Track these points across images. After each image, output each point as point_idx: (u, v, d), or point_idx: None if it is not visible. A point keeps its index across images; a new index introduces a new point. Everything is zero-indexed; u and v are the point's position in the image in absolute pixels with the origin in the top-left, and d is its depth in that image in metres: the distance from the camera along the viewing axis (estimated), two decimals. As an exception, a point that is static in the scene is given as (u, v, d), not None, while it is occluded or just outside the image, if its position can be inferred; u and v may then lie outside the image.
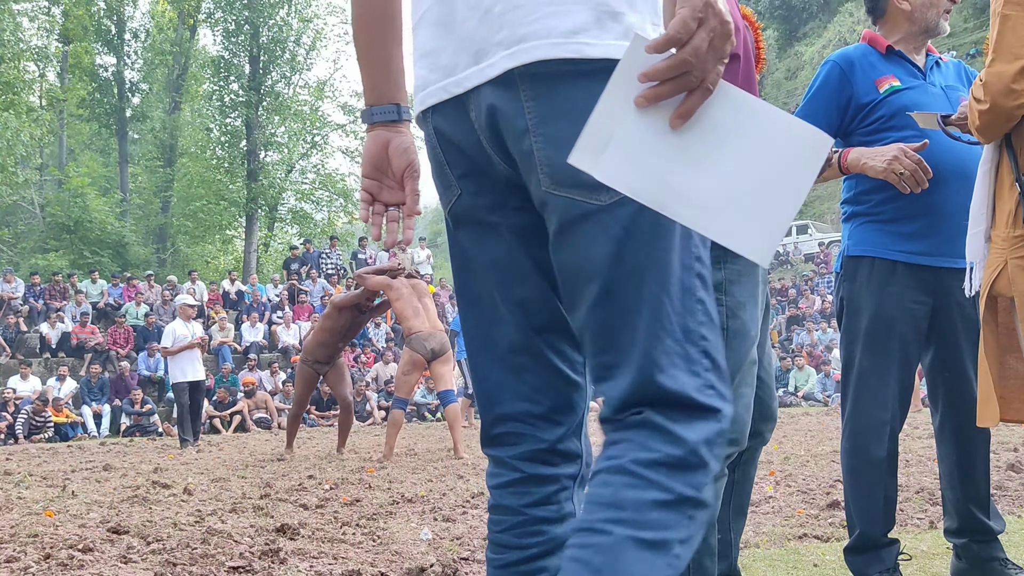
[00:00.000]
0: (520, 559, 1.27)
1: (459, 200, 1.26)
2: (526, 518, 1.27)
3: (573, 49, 1.07)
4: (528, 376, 1.28)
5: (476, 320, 1.32)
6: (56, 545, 3.30)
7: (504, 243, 1.25)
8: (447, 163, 1.24)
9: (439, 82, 1.20)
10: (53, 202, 25.06)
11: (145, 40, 27.74)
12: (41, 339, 14.69)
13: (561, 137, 1.07)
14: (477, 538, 3.40)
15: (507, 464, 1.30)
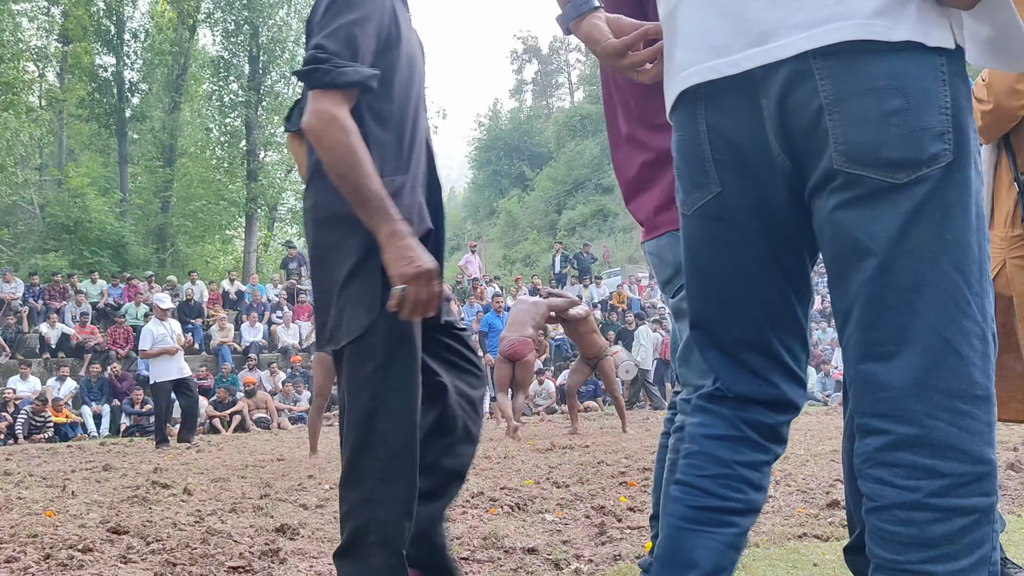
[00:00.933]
0: (717, 507, 1.30)
1: (714, 199, 1.27)
2: (733, 473, 1.31)
3: (877, 31, 1.08)
4: (762, 374, 1.34)
5: (707, 315, 1.36)
6: (56, 545, 3.30)
7: (751, 245, 1.28)
8: (711, 157, 1.25)
9: (706, 62, 1.20)
10: (53, 202, 25.03)
11: (145, 40, 27.71)
12: (41, 339, 14.69)
13: (863, 115, 1.08)
14: (477, 537, 3.40)
15: (728, 420, 1.33)
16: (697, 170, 1.28)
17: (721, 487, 1.31)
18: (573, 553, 3.16)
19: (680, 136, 1.31)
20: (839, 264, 1.16)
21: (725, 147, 1.24)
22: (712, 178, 1.26)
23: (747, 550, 3.06)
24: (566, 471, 5.66)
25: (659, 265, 1.98)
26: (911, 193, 1.09)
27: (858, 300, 1.14)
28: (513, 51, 68.12)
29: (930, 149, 1.08)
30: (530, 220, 47.40)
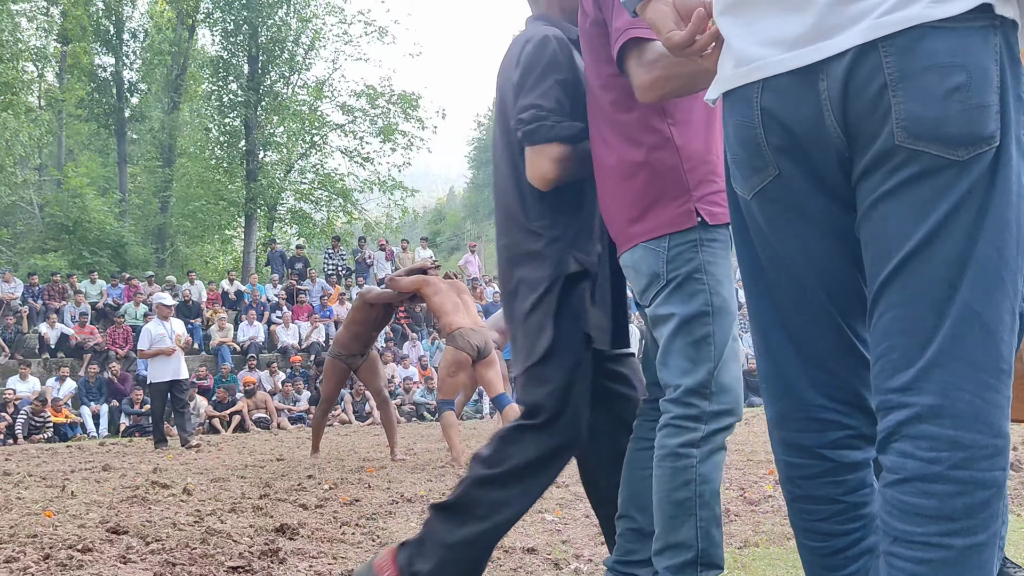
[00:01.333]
0: (846, 545, 1.30)
1: (773, 181, 1.27)
2: (845, 505, 1.31)
3: (942, 10, 1.10)
4: (830, 362, 1.31)
5: (772, 306, 1.35)
6: (55, 545, 3.30)
7: (815, 226, 1.28)
8: (766, 142, 1.25)
9: (776, 56, 1.22)
10: (52, 202, 25.02)
11: (144, 40, 27.72)
12: (40, 339, 14.68)
13: (926, 91, 1.10)
14: (476, 538, 3.40)
15: (814, 454, 1.32)
16: (754, 154, 1.29)
17: (839, 524, 1.32)
18: (573, 553, 3.16)
19: (736, 120, 1.31)
20: (885, 242, 1.17)
21: (780, 131, 1.24)
22: (769, 161, 1.27)
23: (747, 549, 3.06)
24: (565, 471, 5.65)
25: (635, 276, 2.01)
26: (968, 170, 1.10)
27: (898, 276, 1.15)
28: (512, 51, 68.02)
29: (989, 127, 1.10)
30: (529, 220, 47.36)
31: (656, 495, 1.94)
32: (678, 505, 1.89)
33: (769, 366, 1.38)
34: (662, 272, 1.93)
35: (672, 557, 1.90)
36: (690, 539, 1.89)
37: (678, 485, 1.89)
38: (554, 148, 2.06)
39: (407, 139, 27.35)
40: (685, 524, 1.89)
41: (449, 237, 54.52)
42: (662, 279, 1.93)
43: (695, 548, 1.89)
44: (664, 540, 1.92)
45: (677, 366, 1.93)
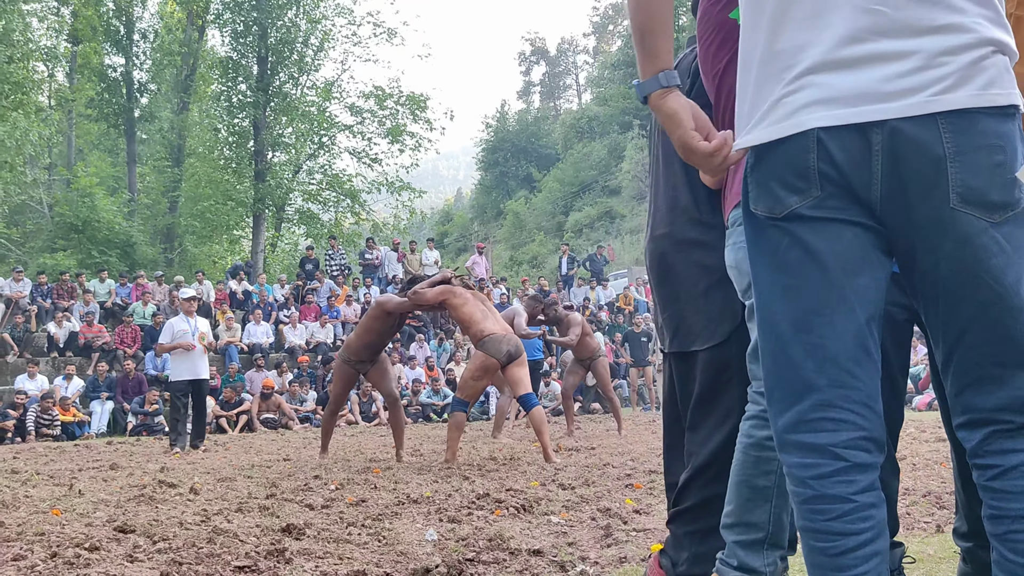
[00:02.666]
0: (857, 544, 1.37)
1: (814, 201, 1.40)
2: (856, 505, 1.38)
3: (989, 99, 1.33)
4: (849, 364, 1.40)
5: (795, 309, 1.43)
6: (63, 543, 3.31)
7: (852, 235, 1.41)
8: (816, 166, 1.39)
9: (838, 109, 1.37)
10: (61, 201, 25.11)
11: (154, 41, 27.81)
12: (49, 338, 14.73)
13: (978, 165, 1.33)
14: (482, 539, 3.40)
15: (829, 453, 1.39)
16: (797, 176, 1.40)
17: (850, 523, 1.37)
18: (579, 555, 3.15)
19: (779, 145, 1.42)
20: (956, 292, 1.36)
21: (830, 163, 1.38)
22: (813, 183, 1.40)
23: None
24: (571, 473, 5.65)
25: (738, 275, 2.11)
26: (1004, 228, 1.34)
27: (977, 319, 1.35)
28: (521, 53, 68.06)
29: (1018, 194, 1.34)
30: (537, 222, 47.38)
31: (735, 477, 2.07)
32: (757, 490, 2.03)
33: (785, 369, 1.44)
34: None
35: (743, 533, 2.05)
36: (763, 522, 2.03)
37: (760, 473, 2.02)
38: None
39: (415, 140, 27.40)
40: (760, 508, 2.03)
41: (456, 238, 54.54)
42: None
43: (766, 530, 2.03)
44: (737, 517, 2.06)
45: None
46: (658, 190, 2.49)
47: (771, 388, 1.47)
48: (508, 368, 6.57)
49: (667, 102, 1.56)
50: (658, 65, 1.57)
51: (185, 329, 9.42)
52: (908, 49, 1.34)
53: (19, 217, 26.74)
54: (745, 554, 2.04)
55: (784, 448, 1.45)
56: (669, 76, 1.56)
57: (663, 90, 1.56)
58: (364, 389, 13.80)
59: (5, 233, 24.59)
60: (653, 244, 2.48)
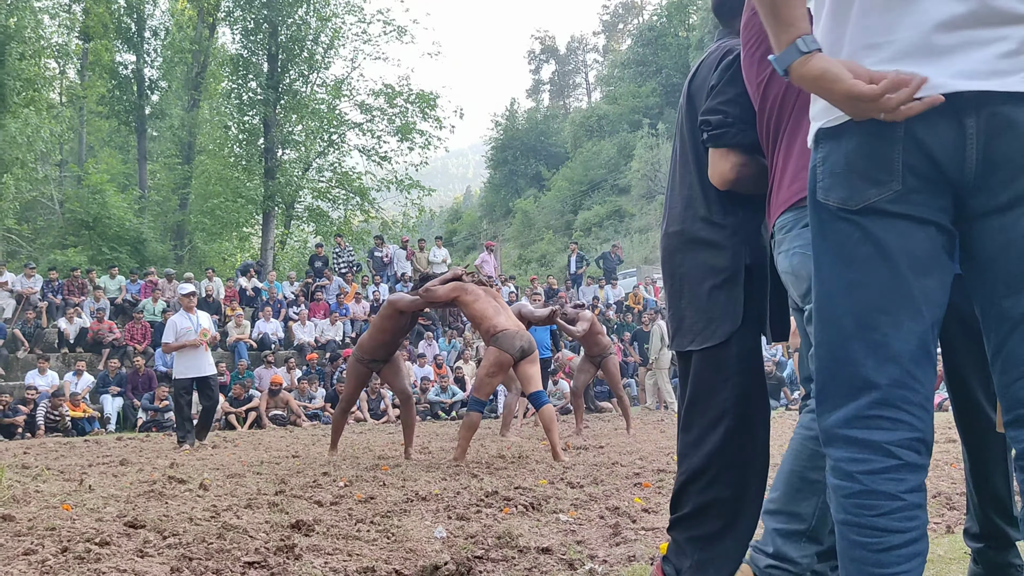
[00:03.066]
0: (902, 543, 1.37)
1: (894, 195, 1.38)
2: (905, 503, 1.38)
3: None
4: (909, 365, 1.40)
5: (860, 305, 1.42)
6: (73, 538, 3.32)
7: (924, 235, 1.39)
8: (901, 158, 1.37)
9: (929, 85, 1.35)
10: (72, 198, 25.23)
11: (165, 38, 27.91)
12: (59, 334, 14.80)
13: None
14: (491, 536, 3.40)
15: (883, 450, 1.39)
16: (879, 168, 1.39)
17: (898, 521, 1.38)
18: (587, 553, 3.15)
19: (862, 132, 1.40)
20: (1017, 273, 1.36)
21: (918, 153, 1.37)
22: (896, 176, 1.38)
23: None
24: (580, 471, 5.65)
25: (795, 281, 2.11)
26: None
27: None
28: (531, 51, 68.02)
29: None
30: (546, 220, 47.38)
31: (788, 465, 2.08)
32: (808, 482, 2.03)
33: (843, 365, 1.43)
34: None
35: (785, 522, 2.06)
36: (808, 514, 2.04)
37: (813, 467, 2.03)
38: (735, 155, 2.25)
39: (424, 138, 27.42)
40: (808, 500, 2.03)
41: (465, 236, 54.59)
42: None
43: (809, 523, 2.04)
44: (782, 504, 2.06)
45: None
46: (675, 187, 2.50)
47: (824, 382, 1.45)
48: (520, 365, 6.57)
49: (812, 66, 1.43)
50: (793, 33, 1.46)
51: (188, 326, 9.31)
52: (1002, 36, 1.34)
53: (30, 213, 26.88)
54: (783, 543, 2.03)
55: (832, 442, 1.45)
56: (808, 41, 1.45)
57: (804, 56, 1.44)
58: (373, 386, 13.82)
59: (16, 229, 24.71)
60: (666, 240, 2.51)
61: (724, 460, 2.26)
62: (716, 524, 2.25)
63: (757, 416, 2.30)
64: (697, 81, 2.42)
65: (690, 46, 47.73)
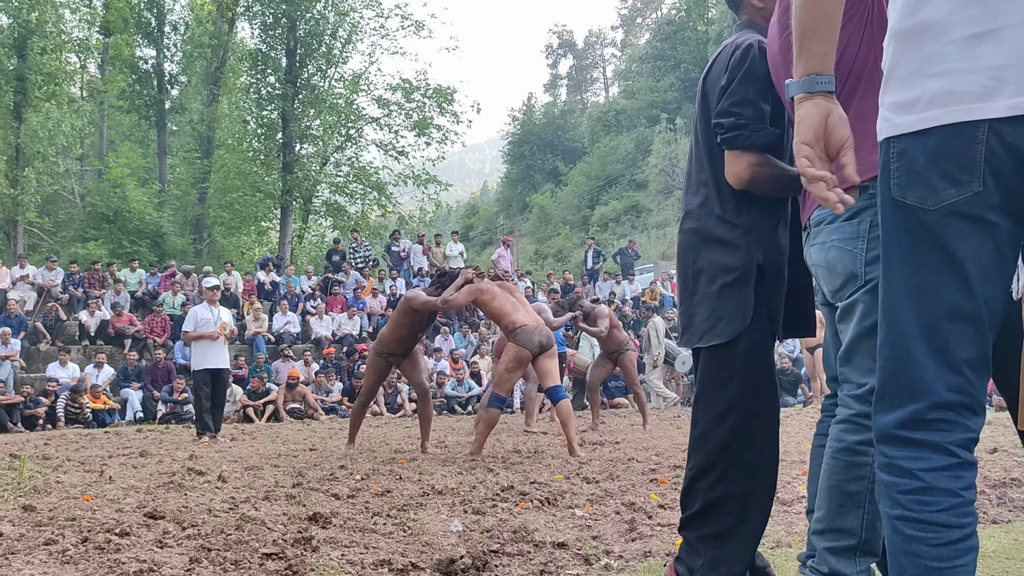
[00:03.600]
0: (959, 537, 1.40)
1: (973, 196, 1.37)
2: (963, 500, 1.40)
3: None
4: (968, 371, 1.41)
5: (926, 310, 1.42)
6: (94, 529, 3.36)
7: (994, 244, 1.38)
8: (983, 158, 1.35)
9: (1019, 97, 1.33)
10: (93, 192, 25.46)
11: (184, 33, 28.08)
12: (80, 327, 14.94)
13: None
14: (507, 531, 3.41)
15: (942, 449, 1.41)
16: (960, 167, 1.36)
17: (956, 517, 1.39)
18: (603, 548, 3.15)
19: (943, 132, 1.37)
20: None
21: (1002, 152, 1.34)
22: (976, 176, 1.35)
23: (779, 550, 3.04)
24: (596, 467, 5.65)
25: (828, 275, 2.08)
26: None
27: None
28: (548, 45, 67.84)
29: None
30: (562, 215, 47.30)
31: (826, 482, 2.05)
32: (848, 496, 2.00)
33: (902, 368, 1.44)
34: (860, 273, 1.98)
35: (834, 540, 2.02)
36: (855, 528, 2.00)
37: (851, 478, 2.00)
38: (750, 155, 2.25)
39: (441, 133, 27.45)
40: (852, 513, 2.00)
41: (482, 231, 54.60)
42: (860, 280, 1.98)
43: (858, 536, 2.00)
44: (828, 523, 2.03)
45: (863, 365, 1.99)
46: (691, 183, 2.51)
47: (884, 382, 1.46)
48: (538, 359, 6.59)
49: (802, 107, 1.55)
50: (809, 68, 1.56)
51: (208, 318, 9.48)
52: None
53: (52, 207, 27.12)
54: (836, 561, 2.01)
55: (889, 441, 1.45)
56: (813, 81, 1.54)
57: (805, 95, 1.55)
58: (390, 381, 13.87)
59: (38, 222, 24.94)
60: (681, 236, 2.51)
61: (731, 456, 2.26)
62: (726, 521, 2.25)
63: (765, 413, 2.30)
64: (711, 77, 2.42)
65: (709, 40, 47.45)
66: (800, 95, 1.56)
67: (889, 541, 1.45)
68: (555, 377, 6.70)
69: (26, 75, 21.25)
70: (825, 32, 1.55)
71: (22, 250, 21.33)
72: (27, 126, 21.58)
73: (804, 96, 1.55)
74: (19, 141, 21.56)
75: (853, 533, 2.00)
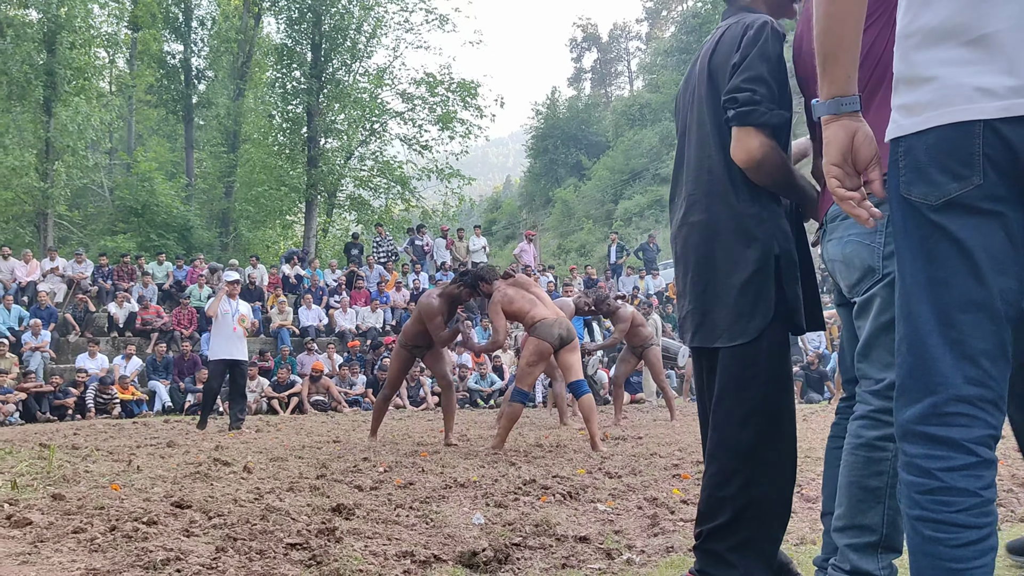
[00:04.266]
0: (978, 538, 1.39)
1: (975, 189, 1.39)
2: (982, 499, 1.40)
3: None
4: (986, 363, 1.41)
5: (940, 303, 1.43)
6: (122, 517, 3.40)
7: (1004, 233, 1.40)
8: (981, 151, 1.37)
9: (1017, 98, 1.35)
10: (121, 185, 25.74)
11: (211, 28, 28.29)
12: (109, 318, 15.13)
13: None
14: (529, 524, 3.42)
15: (960, 446, 1.41)
16: (959, 162, 1.39)
17: (975, 517, 1.39)
18: (625, 543, 3.15)
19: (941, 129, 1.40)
20: None
21: (999, 145, 1.36)
22: (976, 170, 1.38)
23: (804, 547, 3.02)
24: (618, 462, 5.64)
25: (845, 270, 2.06)
26: None
27: None
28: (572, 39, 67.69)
29: None
30: (586, 209, 47.20)
31: (845, 478, 2.03)
32: (869, 491, 1.98)
33: (920, 362, 1.45)
34: (878, 267, 1.97)
35: (855, 536, 2.00)
36: (876, 524, 1.98)
37: (871, 474, 1.98)
38: (763, 134, 2.17)
39: (465, 127, 27.47)
40: (873, 510, 1.98)
41: (504, 226, 54.61)
42: (877, 273, 1.97)
43: (879, 533, 1.98)
44: (849, 520, 2.01)
45: (881, 360, 1.97)
46: (687, 170, 2.41)
47: (903, 377, 1.47)
48: (560, 353, 6.62)
49: (829, 129, 1.59)
50: (834, 91, 1.59)
51: (226, 310, 9.63)
52: None
53: (81, 200, 27.48)
54: (858, 558, 1.99)
55: (908, 438, 1.45)
56: (839, 103, 1.58)
57: (832, 116, 1.59)
58: (412, 374, 13.93)
59: (68, 216, 25.28)
60: (687, 230, 2.40)
61: (756, 460, 2.20)
62: (753, 526, 2.20)
63: (786, 411, 2.26)
64: (719, 57, 2.31)
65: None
66: (827, 116, 1.60)
67: (909, 540, 1.45)
68: (578, 372, 6.70)
69: (56, 70, 21.53)
70: (846, 56, 1.58)
71: (52, 243, 21.63)
72: (57, 120, 21.87)
73: (831, 118, 1.59)
74: (49, 135, 21.86)
75: (874, 529, 1.98)
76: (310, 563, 2.80)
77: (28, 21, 23.34)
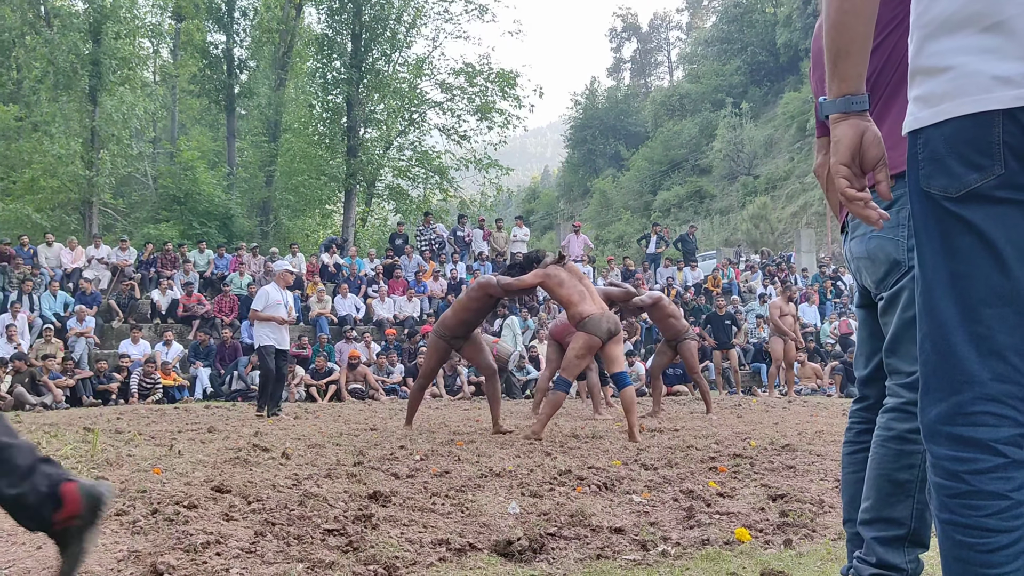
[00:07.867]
0: (1010, 542, 1.34)
1: (996, 178, 1.35)
2: (1012, 502, 1.35)
3: None
4: (1014, 357, 1.36)
5: (958, 298, 1.39)
6: (163, 501, 3.47)
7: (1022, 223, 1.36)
8: (1001, 139, 1.33)
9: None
10: (165, 174, 26.13)
11: (253, 18, 28.54)
12: (152, 305, 15.40)
13: None
14: (564, 514, 3.42)
15: (988, 447, 1.36)
16: (978, 152, 1.35)
17: (1005, 521, 1.34)
18: (660, 535, 3.14)
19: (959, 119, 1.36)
20: None
21: (1020, 133, 1.32)
22: (997, 159, 1.34)
23: (841, 542, 2.98)
24: (654, 454, 5.62)
25: (871, 266, 2.04)
26: None
27: None
28: (612, 29, 67.23)
29: None
30: (624, 200, 46.95)
31: (874, 471, 2.01)
32: (898, 485, 1.96)
33: (944, 359, 1.40)
34: (903, 260, 1.96)
35: (883, 530, 1.98)
36: (905, 517, 1.96)
37: (901, 467, 1.96)
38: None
39: (504, 117, 27.44)
40: (902, 503, 1.96)
41: (542, 216, 54.54)
42: (903, 266, 1.96)
43: (908, 526, 1.97)
44: (876, 512, 1.99)
45: (910, 353, 1.94)
46: None
47: (927, 376, 1.42)
48: (606, 345, 6.74)
49: (838, 128, 1.58)
50: (844, 89, 1.59)
51: (279, 300, 9.73)
52: None
53: (125, 188, 27.95)
54: (885, 551, 1.98)
55: (935, 439, 1.41)
56: (848, 102, 1.57)
57: (840, 115, 1.58)
58: (450, 363, 13.99)
59: (112, 203, 25.73)
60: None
61: None
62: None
63: None
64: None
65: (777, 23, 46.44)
66: (835, 115, 1.58)
67: (940, 544, 1.41)
68: (621, 363, 6.82)
69: (101, 59, 21.90)
70: (857, 54, 1.56)
71: (97, 230, 22.05)
72: (102, 109, 22.26)
73: (839, 116, 1.58)
74: (95, 124, 22.26)
75: (902, 523, 1.96)
76: (347, 549, 2.82)
77: (74, 11, 23.79)
